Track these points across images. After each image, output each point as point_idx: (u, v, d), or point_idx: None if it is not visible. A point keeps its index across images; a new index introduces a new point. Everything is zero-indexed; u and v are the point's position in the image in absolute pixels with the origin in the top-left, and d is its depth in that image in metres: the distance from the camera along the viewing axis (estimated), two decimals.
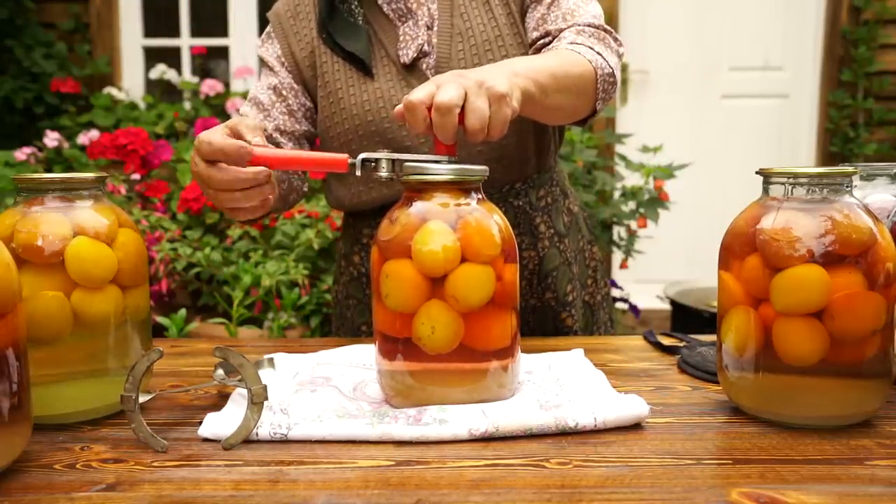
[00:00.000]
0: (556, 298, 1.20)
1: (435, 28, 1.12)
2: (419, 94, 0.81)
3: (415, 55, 1.11)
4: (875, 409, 0.74)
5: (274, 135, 1.16)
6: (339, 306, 1.30)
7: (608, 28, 1.09)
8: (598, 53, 1.03)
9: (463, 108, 0.81)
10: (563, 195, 1.25)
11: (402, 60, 1.12)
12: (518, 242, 1.15)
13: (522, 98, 0.88)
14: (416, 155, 0.84)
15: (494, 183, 1.14)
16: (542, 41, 1.09)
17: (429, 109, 0.81)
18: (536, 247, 1.19)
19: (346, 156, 0.86)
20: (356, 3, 1.15)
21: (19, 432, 0.65)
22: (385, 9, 1.14)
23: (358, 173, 0.85)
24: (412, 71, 1.12)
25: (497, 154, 1.11)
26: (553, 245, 1.20)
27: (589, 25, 1.07)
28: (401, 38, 1.13)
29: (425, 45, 1.12)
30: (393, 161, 0.84)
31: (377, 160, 0.84)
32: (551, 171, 1.24)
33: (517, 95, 0.86)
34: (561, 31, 1.08)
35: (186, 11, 3.84)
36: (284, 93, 1.17)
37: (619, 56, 1.09)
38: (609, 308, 1.33)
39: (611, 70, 1.03)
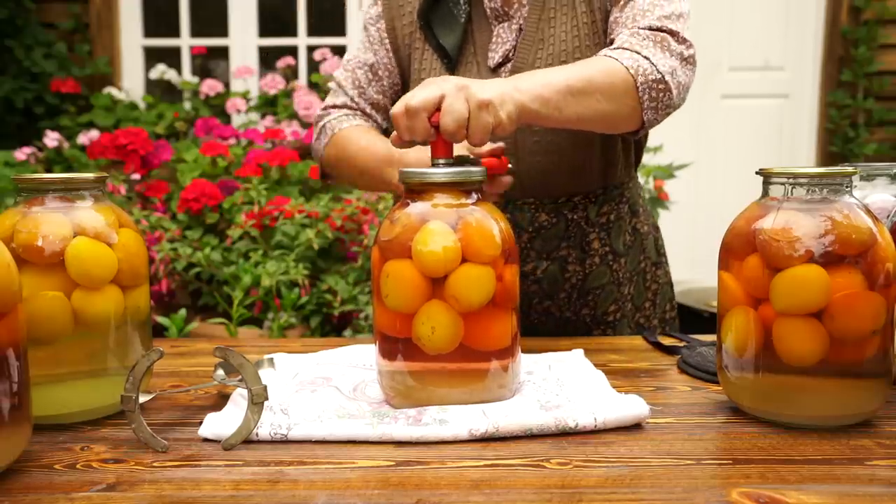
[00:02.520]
0: (591, 315, 1.18)
1: (521, 32, 1.09)
2: (398, 105, 0.84)
3: (500, 60, 1.09)
4: (875, 410, 0.74)
5: (367, 109, 1.18)
6: None
7: (674, 29, 1.01)
8: (645, 58, 0.96)
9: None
10: (632, 213, 1.21)
11: (488, 63, 1.10)
12: (563, 255, 1.15)
13: (522, 113, 0.87)
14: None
15: (548, 193, 1.12)
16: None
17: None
18: (584, 263, 1.16)
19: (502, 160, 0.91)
20: None
21: (19, 432, 0.65)
22: (485, 5, 1.11)
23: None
24: (494, 76, 1.09)
25: (554, 165, 1.09)
26: (604, 263, 1.17)
27: (649, 28, 1.00)
28: (493, 40, 1.11)
29: (512, 50, 1.10)
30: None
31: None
32: (622, 187, 1.19)
33: (509, 109, 0.85)
34: (618, 35, 1.02)
35: (186, 11, 3.84)
36: (380, 73, 1.18)
37: (684, 58, 1.01)
38: (672, 332, 1.25)
39: (659, 76, 0.96)
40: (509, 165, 0.96)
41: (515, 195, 1.11)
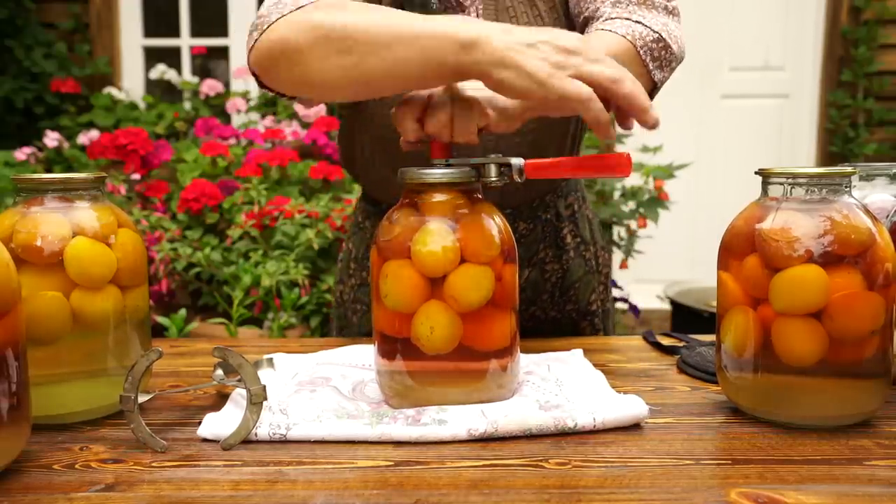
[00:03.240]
0: (576, 310, 1.18)
1: None
2: (395, 107, 0.83)
3: None
4: (874, 410, 0.74)
5: None
6: (342, 308, 1.24)
7: None
8: (636, 22, 0.95)
9: None
10: (583, 200, 1.21)
11: None
12: (542, 256, 1.14)
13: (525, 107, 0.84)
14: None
15: (527, 198, 1.10)
16: (585, 29, 1.02)
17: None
18: (561, 259, 1.15)
19: (625, 154, 0.76)
20: None
21: (18, 432, 0.65)
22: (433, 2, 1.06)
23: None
24: None
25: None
26: (579, 255, 1.17)
27: None
28: None
29: None
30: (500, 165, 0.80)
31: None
32: None
33: (502, 105, 0.82)
34: (596, 10, 1.00)
35: (186, 11, 3.84)
36: None
37: (669, 11, 1.00)
38: (612, 314, 1.28)
39: (656, 34, 0.95)
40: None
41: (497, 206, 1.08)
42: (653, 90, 1.00)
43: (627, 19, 0.96)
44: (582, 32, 1.03)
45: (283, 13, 0.85)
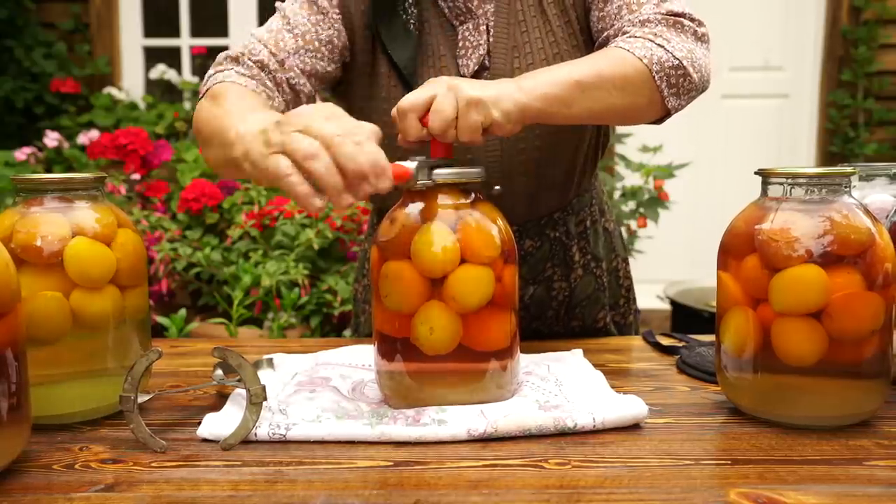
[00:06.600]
0: (582, 326, 1.16)
1: (491, 38, 1.01)
2: (395, 107, 0.82)
3: (476, 67, 1.01)
4: (874, 410, 0.74)
5: (282, 77, 1.00)
6: (357, 304, 1.26)
7: (681, 11, 0.96)
8: (659, 45, 0.92)
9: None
10: (601, 214, 1.17)
11: (461, 72, 1.02)
12: (549, 274, 1.12)
13: (524, 113, 0.84)
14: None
15: (534, 214, 1.08)
16: (606, 44, 0.98)
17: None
18: (569, 277, 1.13)
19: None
20: (411, 1, 1.02)
21: (18, 432, 0.65)
22: (441, 4, 1.02)
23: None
24: None
25: (540, 185, 1.06)
26: (588, 272, 1.14)
27: (656, 14, 0.95)
28: (460, 44, 1.02)
29: (485, 58, 1.02)
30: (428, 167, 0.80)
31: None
32: (591, 189, 1.16)
33: (505, 107, 0.82)
34: (621, 28, 0.96)
35: (186, 11, 3.84)
36: (320, 42, 1.01)
37: (698, 37, 0.97)
38: (636, 330, 1.24)
39: (676, 61, 0.91)
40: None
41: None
42: (665, 116, 0.98)
43: (651, 41, 0.93)
44: (601, 46, 1.00)
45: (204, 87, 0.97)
